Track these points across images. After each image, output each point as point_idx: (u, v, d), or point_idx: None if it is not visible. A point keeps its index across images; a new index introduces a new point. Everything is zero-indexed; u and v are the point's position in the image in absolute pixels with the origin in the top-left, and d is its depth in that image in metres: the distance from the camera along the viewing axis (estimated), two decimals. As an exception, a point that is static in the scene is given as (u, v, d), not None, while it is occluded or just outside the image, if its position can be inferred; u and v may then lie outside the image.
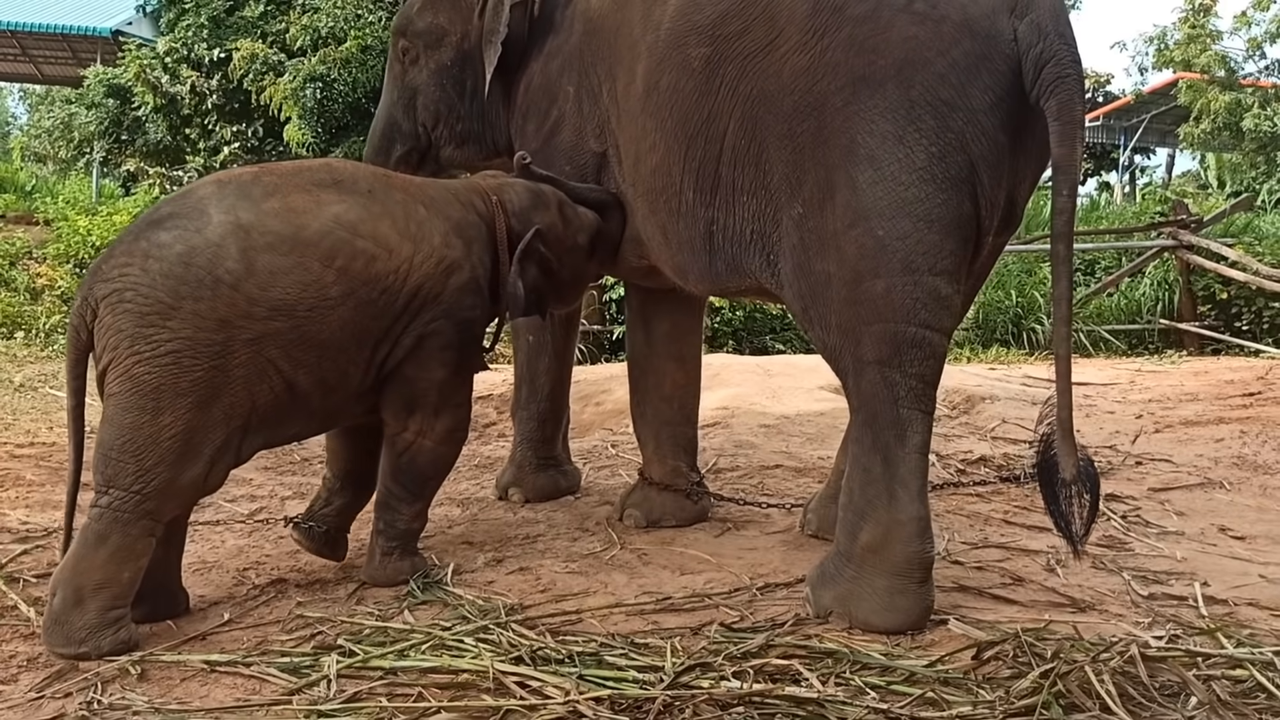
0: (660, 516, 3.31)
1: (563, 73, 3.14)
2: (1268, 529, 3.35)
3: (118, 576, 2.31)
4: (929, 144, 2.32)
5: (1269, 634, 2.40)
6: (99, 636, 2.26)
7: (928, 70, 2.32)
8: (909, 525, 2.40)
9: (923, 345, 2.37)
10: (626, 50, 2.87)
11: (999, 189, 2.44)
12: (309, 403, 2.52)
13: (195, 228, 2.38)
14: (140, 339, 2.29)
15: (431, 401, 2.70)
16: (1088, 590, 2.72)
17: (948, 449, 4.34)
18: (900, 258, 2.34)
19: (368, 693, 2.08)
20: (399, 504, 2.76)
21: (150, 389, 2.29)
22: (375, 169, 2.86)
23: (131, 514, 2.30)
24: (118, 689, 2.12)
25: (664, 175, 2.75)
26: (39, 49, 19.70)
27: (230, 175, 2.59)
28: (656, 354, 3.36)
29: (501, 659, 2.18)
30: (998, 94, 2.35)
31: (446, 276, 2.65)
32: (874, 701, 2.01)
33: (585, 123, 3.07)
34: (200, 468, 2.37)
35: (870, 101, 2.34)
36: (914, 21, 2.33)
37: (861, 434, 2.47)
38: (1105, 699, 1.94)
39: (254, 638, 2.41)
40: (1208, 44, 17.12)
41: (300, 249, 2.43)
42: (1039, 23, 2.32)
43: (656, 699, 1.99)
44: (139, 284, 2.31)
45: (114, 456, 2.30)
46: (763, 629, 2.40)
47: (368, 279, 2.51)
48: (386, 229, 2.57)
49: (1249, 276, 8.96)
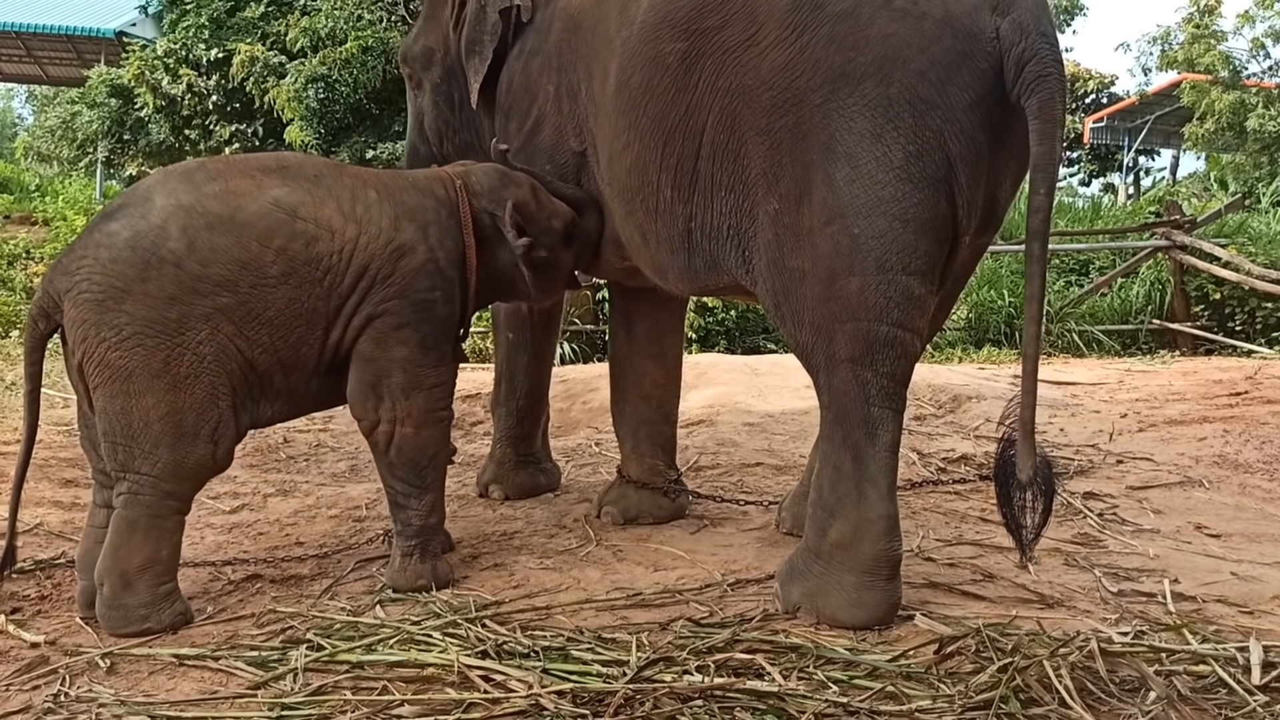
0: (637, 514, 3.32)
1: (543, 71, 3.14)
2: (1244, 527, 3.36)
3: (157, 555, 2.45)
4: (907, 142, 2.31)
5: (1234, 630, 2.41)
6: (158, 611, 2.43)
7: (907, 67, 2.31)
8: (878, 523, 2.41)
9: (895, 344, 2.38)
10: (603, 47, 2.87)
11: (978, 189, 2.42)
12: (273, 381, 2.60)
13: (140, 213, 2.49)
14: (104, 326, 2.40)
15: (398, 382, 2.68)
16: (1057, 587, 2.73)
17: (930, 447, 4.35)
18: (875, 256, 2.34)
19: (332, 686, 2.10)
20: (407, 500, 2.74)
21: (125, 373, 2.41)
22: (328, 159, 2.90)
23: (151, 495, 2.43)
24: (85, 682, 2.14)
25: (640, 174, 2.74)
26: (43, 50, 19.78)
27: (178, 165, 2.71)
28: (637, 352, 3.37)
29: (468, 653, 2.20)
30: (978, 92, 2.34)
31: (396, 259, 2.67)
32: (835, 695, 2.03)
33: (565, 122, 3.07)
34: (204, 447, 2.48)
35: (849, 98, 2.34)
36: (894, 18, 2.32)
37: (831, 431, 2.48)
38: (1063, 694, 1.96)
39: (225, 632, 2.44)
40: (1212, 44, 17.10)
41: (237, 229, 2.51)
42: (1021, 21, 2.31)
43: (618, 692, 2.01)
44: (93, 274, 2.42)
45: (119, 443, 2.43)
46: (730, 624, 2.41)
47: (309, 259, 2.57)
48: (330, 211, 2.62)
49: (1241, 277, 8.96)
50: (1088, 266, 10.71)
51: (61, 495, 3.71)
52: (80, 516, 2.89)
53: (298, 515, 3.50)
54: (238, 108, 14.49)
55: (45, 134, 18.36)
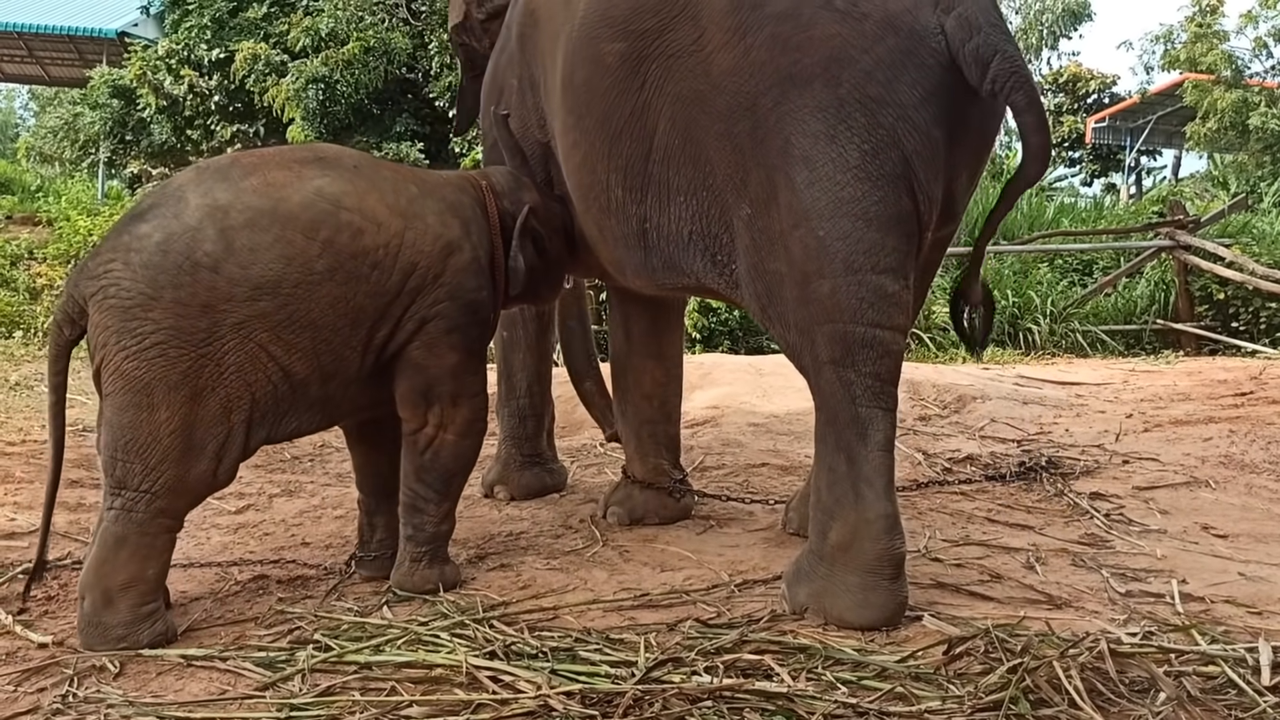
0: (643, 514, 3.32)
1: (509, 66, 3.18)
2: (1251, 527, 3.35)
3: (142, 574, 2.34)
4: (861, 141, 2.31)
5: (1243, 631, 2.41)
6: (137, 631, 2.31)
7: (853, 67, 2.30)
8: (876, 523, 2.40)
9: (874, 344, 2.36)
10: (551, 40, 2.86)
11: (936, 183, 2.42)
12: (308, 391, 2.48)
13: (173, 214, 2.37)
14: (126, 333, 2.29)
15: (448, 390, 2.65)
16: (1065, 587, 2.72)
17: (935, 448, 4.35)
18: (842, 258, 2.33)
19: (340, 687, 2.09)
20: (426, 504, 2.70)
21: (142, 385, 2.29)
22: (363, 152, 2.85)
23: (145, 513, 2.32)
24: (94, 683, 2.14)
25: (589, 172, 2.73)
26: (45, 50, 19.75)
27: (210, 161, 2.59)
28: (636, 352, 3.37)
29: (476, 654, 2.19)
30: (926, 89, 2.33)
31: (446, 256, 2.61)
32: (844, 696, 2.02)
33: (529, 114, 3.08)
34: (207, 463, 2.37)
35: (800, 100, 2.33)
36: (836, 19, 2.32)
37: (824, 433, 2.47)
38: (1072, 695, 1.95)
39: (232, 633, 2.43)
40: (1214, 43, 17.08)
41: (281, 222, 2.40)
42: (967, 16, 2.31)
43: (627, 693, 2.00)
44: (121, 278, 2.31)
45: (119, 458, 2.31)
46: (738, 625, 2.41)
47: (355, 252, 2.47)
48: (374, 203, 2.53)
49: (1245, 277, 8.95)
50: (1091, 267, 10.70)
51: (67, 496, 3.69)
52: (85, 517, 2.89)
53: (303, 515, 3.50)
54: (239, 108, 14.49)
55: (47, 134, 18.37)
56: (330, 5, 13.50)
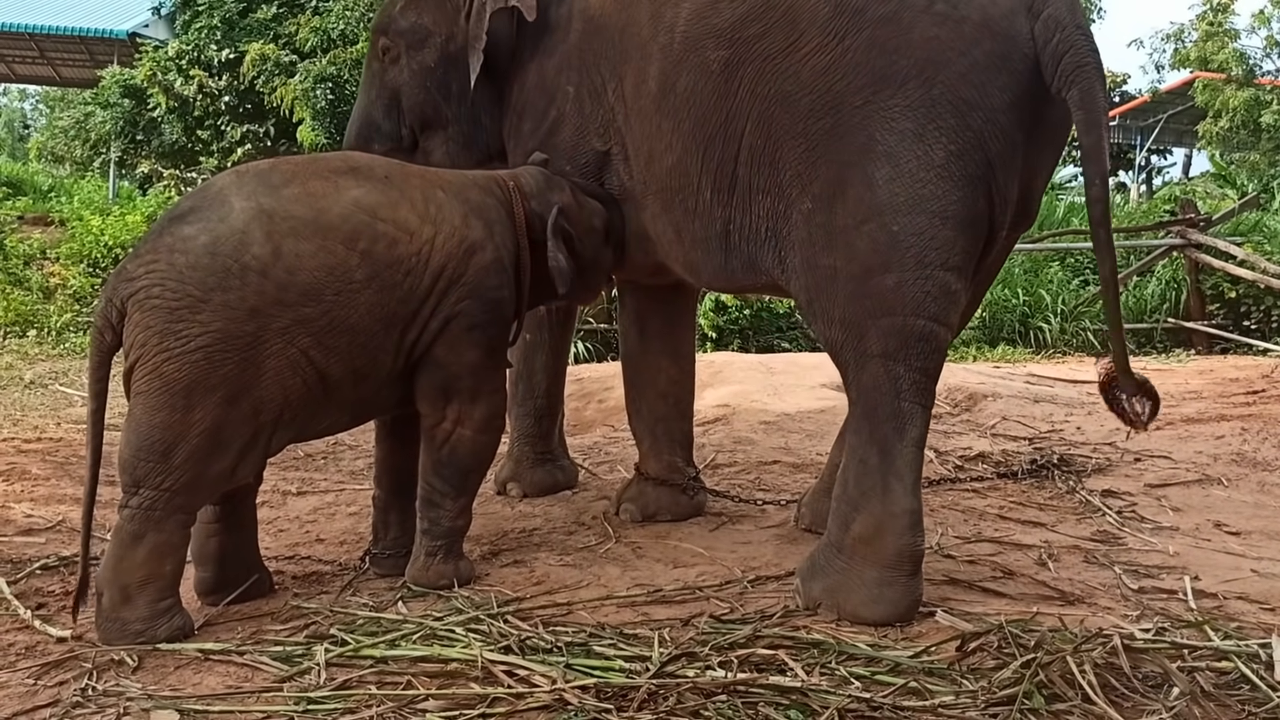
0: (656, 511, 3.33)
1: (560, 72, 3.13)
2: (1263, 524, 3.35)
3: (160, 570, 2.35)
4: (948, 142, 2.38)
5: (1256, 627, 2.41)
6: (154, 626, 2.33)
7: (949, 70, 2.37)
8: (902, 518, 2.42)
9: (930, 339, 2.43)
10: (635, 50, 2.88)
11: (1012, 186, 2.50)
12: (341, 392, 2.52)
13: (219, 217, 2.38)
14: (170, 335, 2.29)
15: (467, 387, 2.68)
16: (1078, 584, 2.73)
17: (947, 445, 4.35)
18: (914, 253, 2.39)
19: (357, 681, 2.11)
20: (442, 499, 2.72)
21: (181, 387, 2.29)
22: (390, 159, 2.87)
23: (164, 511, 2.33)
24: (112, 677, 2.16)
25: (681, 175, 2.78)
26: (56, 51, 19.82)
27: (248, 166, 2.61)
28: (651, 350, 3.38)
29: (491, 649, 2.21)
30: (1015, 93, 2.41)
31: (469, 256, 2.65)
32: (857, 691, 2.03)
33: (587, 122, 3.07)
34: (228, 460, 2.39)
35: (891, 100, 2.39)
36: (936, 22, 2.39)
37: (859, 426, 2.51)
38: (1086, 689, 1.96)
39: (249, 628, 2.45)
40: (1225, 42, 17.03)
41: (323, 233, 2.44)
42: (1055, 16, 2.38)
43: (641, 687, 2.02)
44: (166, 279, 2.31)
45: (142, 457, 2.31)
46: (751, 620, 2.42)
47: (391, 261, 2.52)
48: (406, 213, 2.58)
49: (1257, 275, 8.92)
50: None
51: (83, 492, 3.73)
52: (103, 514, 2.90)
53: (317, 513, 3.52)
54: (249, 108, 14.52)
55: (58, 134, 18.45)
56: (339, 6, 13.52)
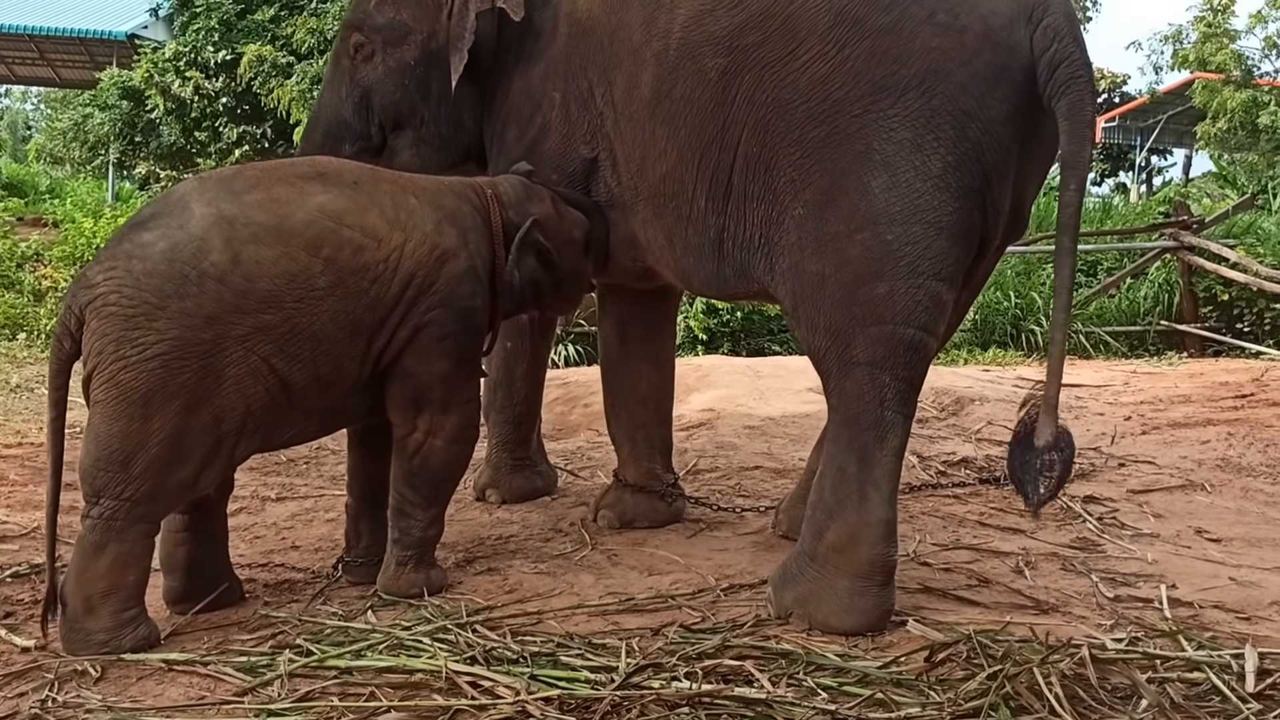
0: (634, 518, 3.31)
1: (546, 78, 3.09)
2: (1245, 531, 3.33)
3: (123, 581, 2.33)
4: (946, 153, 2.38)
5: (1231, 636, 2.40)
6: (118, 636, 2.31)
7: (950, 80, 2.37)
8: (877, 527, 2.42)
9: (918, 348, 2.43)
10: (627, 55, 2.85)
11: (1005, 198, 2.50)
12: (306, 401, 2.49)
13: (178, 223, 2.36)
14: (126, 343, 2.27)
15: (438, 397, 2.66)
16: (1053, 592, 2.71)
17: (930, 450, 4.33)
18: (907, 262, 2.39)
19: (319, 692, 2.09)
20: (413, 509, 2.69)
21: (139, 396, 2.27)
22: (361, 164, 2.83)
23: (125, 520, 2.31)
24: (74, 687, 2.14)
25: (675, 182, 2.75)
26: (56, 53, 19.85)
27: (212, 173, 2.59)
28: (631, 355, 3.36)
29: (456, 659, 2.19)
30: (1014, 105, 2.41)
31: (441, 264, 2.62)
32: (823, 703, 2.02)
33: (574, 129, 3.02)
34: (189, 470, 2.36)
35: (890, 110, 2.39)
36: (937, 33, 2.38)
37: (839, 433, 2.50)
38: (1052, 701, 1.94)
39: (216, 638, 2.43)
40: (1224, 43, 17.03)
41: (285, 239, 2.41)
42: (1053, 27, 2.38)
43: (604, 699, 2.00)
44: (123, 286, 2.29)
45: (102, 467, 2.29)
46: (721, 629, 2.41)
47: (356, 268, 2.49)
48: (374, 219, 2.55)
49: (1250, 278, 8.90)
50: (1095, 267, 10.63)
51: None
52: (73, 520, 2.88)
53: (295, 519, 3.49)
54: (247, 110, 14.51)
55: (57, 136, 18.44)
56: (336, 7, 13.50)
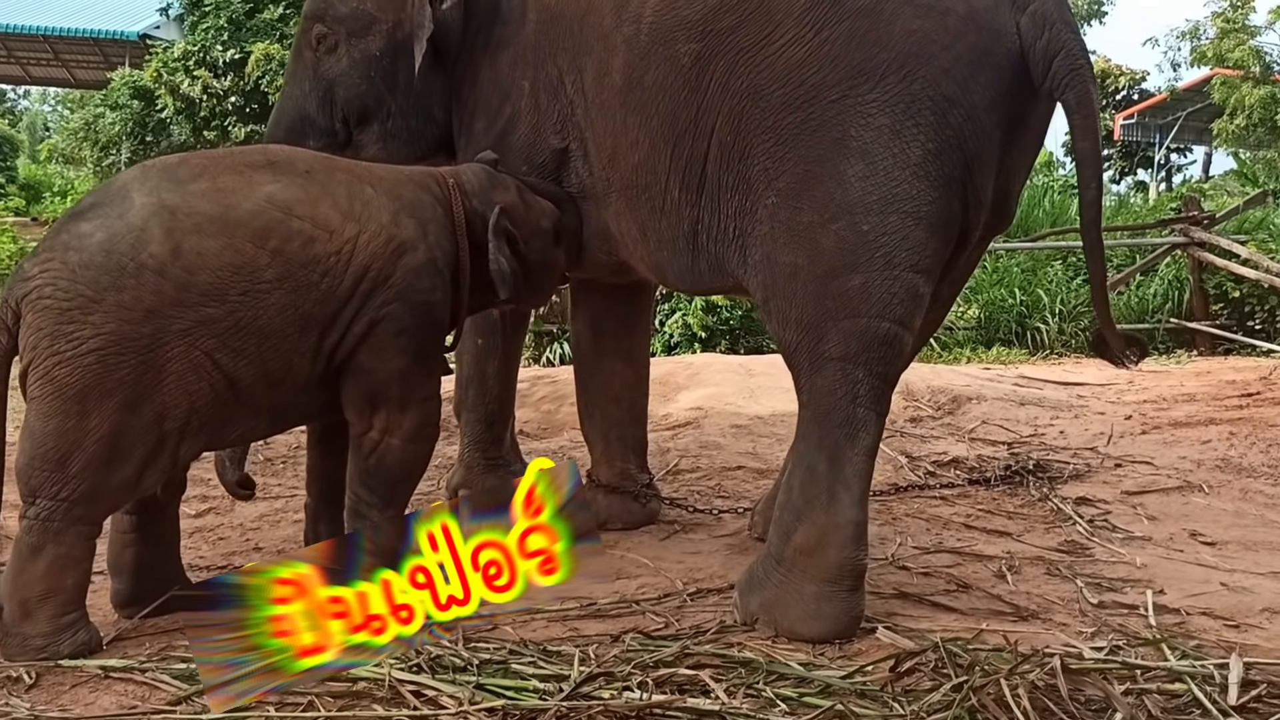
0: (606, 519, 3.21)
1: (515, 66, 3.01)
2: (1241, 534, 3.22)
3: (61, 584, 2.25)
4: (926, 140, 2.28)
5: (1217, 645, 2.30)
6: (56, 642, 2.23)
7: (931, 64, 2.27)
8: (845, 529, 2.32)
9: (893, 342, 2.33)
10: (596, 41, 2.76)
11: (988, 189, 2.41)
12: (253, 398, 2.40)
13: (117, 213, 2.27)
14: (61, 337, 2.19)
15: (395, 394, 2.56)
16: (1035, 598, 2.61)
17: (921, 450, 4.22)
18: (883, 253, 2.30)
19: (256, 701, 2.00)
20: (369, 510, 2.61)
21: (74, 392, 2.19)
22: (316, 153, 2.74)
23: (62, 522, 2.23)
24: (4, 695, 2.06)
25: (648, 172, 2.66)
26: (70, 53, 19.99)
27: (157, 160, 2.50)
28: (605, 353, 3.28)
29: (401, 667, 2.10)
30: (997, 91, 2.32)
31: (397, 257, 2.51)
32: (780, 715, 1.93)
33: (543, 119, 2.94)
34: (130, 469, 2.27)
35: (868, 95, 2.29)
36: (919, 14, 2.28)
37: (808, 431, 2.40)
38: (1019, 714, 1.84)
39: (159, 644, 2.35)
40: (1243, 39, 16.80)
41: (230, 230, 2.31)
42: (1042, 13, 2.29)
43: (550, 710, 1.92)
44: (59, 278, 2.21)
45: (37, 466, 2.22)
46: (683, 636, 2.31)
47: (306, 261, 2.39)
48: (327, 209, 2.45)
49: (1261, 274, 8.73)
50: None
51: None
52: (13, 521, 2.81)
53: (263, 519, 3.43)
54: (255, 108, 14.51)
55: (69, 136, 18.51)
56: (340, 7, 13.51)
